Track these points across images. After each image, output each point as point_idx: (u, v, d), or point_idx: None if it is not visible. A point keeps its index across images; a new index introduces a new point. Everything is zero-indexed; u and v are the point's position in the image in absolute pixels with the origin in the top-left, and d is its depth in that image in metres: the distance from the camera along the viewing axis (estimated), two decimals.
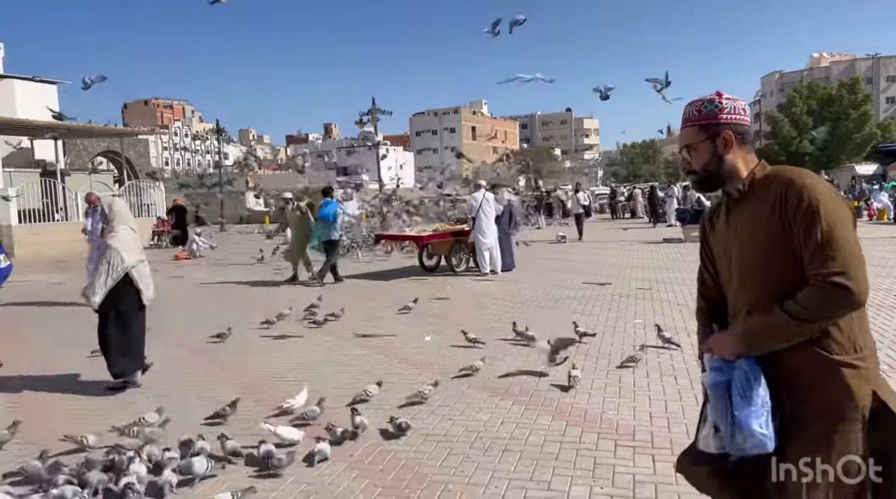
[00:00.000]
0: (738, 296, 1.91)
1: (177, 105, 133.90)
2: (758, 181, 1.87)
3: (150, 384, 5.54)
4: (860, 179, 32.82)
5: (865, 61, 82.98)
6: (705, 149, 1.93)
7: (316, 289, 10.71)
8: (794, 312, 1.69)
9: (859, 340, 1.75)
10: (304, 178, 28.58)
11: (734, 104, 1.93)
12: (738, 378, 1.78)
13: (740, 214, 1.90)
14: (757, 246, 1.82)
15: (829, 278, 1.65)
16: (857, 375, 1.72)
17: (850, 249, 1.68)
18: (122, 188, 23.95)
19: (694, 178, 1.99)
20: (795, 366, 1.76)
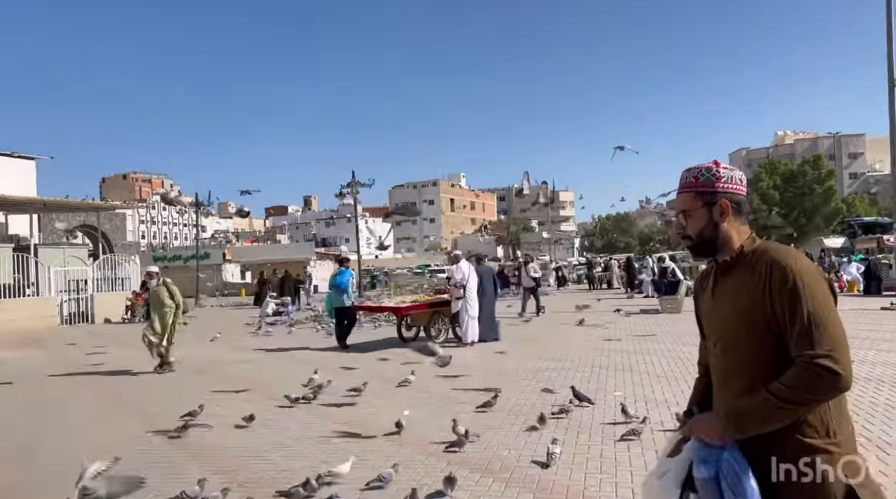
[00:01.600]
0: (720, 364, 1.92)
1: (155, 179, 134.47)
2: (746, 254, 1.90)
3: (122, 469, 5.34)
4: (829, 251, 33.69)
5: (827, 139, 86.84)
6: (701, 216, 1.96)
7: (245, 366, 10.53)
8: (779, 394, 1.68)
9: (833, 424, 1.74)
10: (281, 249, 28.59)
11: (731, 174, 1.98)
12: (726, 471, 1.74)
13: (726, 284, 1.93)
14: (739, 318, 1.83)
15: (816, 360, 1.66)
16: (829, 459, 1.71)
17: (835, 332, 1.69)
18: (96, 262, 23.68)
19: (688, 243, 2.02)
20: (772, 450, 1.75)
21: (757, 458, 1.75)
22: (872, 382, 7.56)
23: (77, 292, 22.16)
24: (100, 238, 28.68)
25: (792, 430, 1.71)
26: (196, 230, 44.38)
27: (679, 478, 1.81)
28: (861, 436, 5.34)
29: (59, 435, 6.48)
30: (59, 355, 12.91)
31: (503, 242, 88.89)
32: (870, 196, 67.57)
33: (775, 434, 1.72)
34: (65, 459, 5.62)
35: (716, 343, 1.93)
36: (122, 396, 8.46)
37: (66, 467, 5.39)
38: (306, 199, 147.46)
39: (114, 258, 24.89)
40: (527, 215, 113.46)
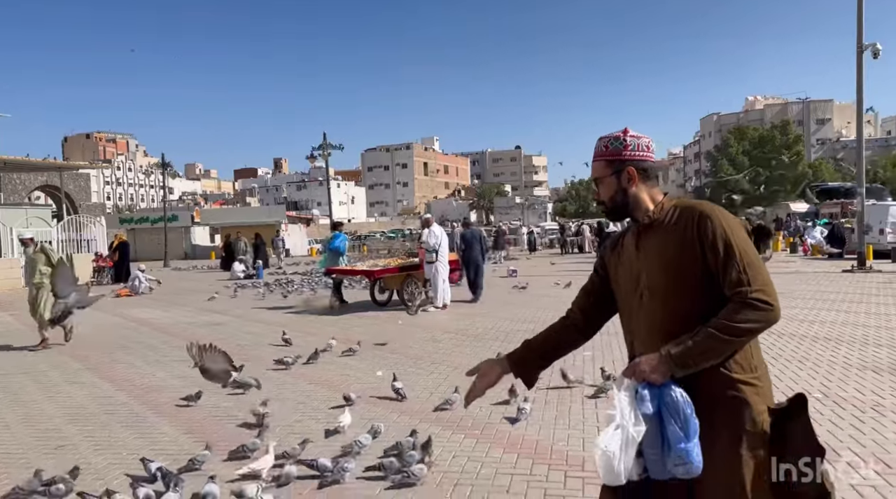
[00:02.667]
0: (646, 317, 2.01)
1: (120, 139, 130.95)
2: (666, 211, 2.02)
3: (93, 429, 5.31)
4: (795, 216, 34.40)
5: (797, 105, 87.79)
6: (611, 182, 2.08)
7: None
8: (722, 327, 1.82)
9: (754, 361, 1.92)
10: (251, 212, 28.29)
11: (638, 141, 2.07)
12: (670, 407, 1.83)
13: (650, 239, 2.03)
14: (666, 268, 1.95)
15: (752, 295, 1.81)
16: (754, 391, 1.88)
17: (764, 273, 1.87)
18: (60, 223, 23.13)
19: (602, 208, 2.16)
20: (700, 388, 1.87)
21: (692, 392, 1.87)
22: (831, 341, 7.82)
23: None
24: (63, 199, 28.04)
25: (719, 367, 1.87)
26: (163, 192, 43.47)
27: (639, 420, 1.85)
28: (819, 391, 5.55)
29: (33, 394, 6.41)
30: (28, 318, 12.68)
31: (476, 207, 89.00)
32: (835, 162, 68.79)
33: (704, 372, 1.86)
34: (30, 419, 5.58)
35: (643, 295, 2.02)
36: (90, 359, 8.36)
37: (34, 429, 5.36)
38: (276, 161, 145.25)
39: (79, 219, 24.34)
40: (500, 180, 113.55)
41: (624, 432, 1.82)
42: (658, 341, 1.93)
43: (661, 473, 1.84)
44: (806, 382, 5.92)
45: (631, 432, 1.81)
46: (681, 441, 1.80)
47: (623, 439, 1.81)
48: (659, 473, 1.84)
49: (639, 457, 1.84)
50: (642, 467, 1.86)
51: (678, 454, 1.80)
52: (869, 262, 17.50)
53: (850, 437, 4.44)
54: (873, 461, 3.97)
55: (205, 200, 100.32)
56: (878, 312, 9.98)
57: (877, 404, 5.16)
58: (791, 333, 8.37)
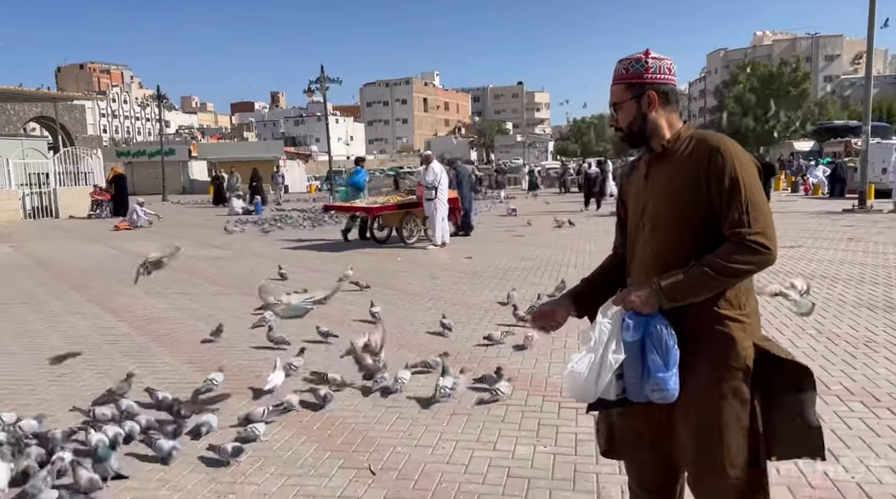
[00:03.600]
0: (646, 247, 1.99)
1: (115, 70, 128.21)
2: (682, 141, 1.95)
3: (95, 358, 5.40)
4: (798, 155, 34.08)
5: (805, 40, 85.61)
6: (630, 107, 1.99)
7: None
8: (715, 265, 1.80)
9: (743, 299, 1.90)
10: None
11: (660, 64, 1.98)
12: (654, 336, 1.86)
13: (660, 169, 1.98)
14: (672, 200, 1.91)
15: (750, 237, 1.78)
16: (741, 328, 1.87)
17: (766, 214, 1.83)
18: (56, 155, 22.90)
19: (620, 134, 2.08)
20: (686, 321, 1.87)
21: (674, 327, 1.88)
22: (827, 279, 7.87)
23: (39, 186, 21.55)
24: (59, 130, 27.67)
25: (709, 302, 1.86)
26: (160, 125, 42.87)
27: (620, 346, 1.90)
28: (813, 329, 5.62)
29: (35, 324, 6.48)
30: (29, 249, 12.72)
31: (477, 145, 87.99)
32: (842, 100, 67.62)
33: (692, 307, 1.86)
34: (34, 348, 5.66)
35: (644, 225, 2.00)
36: (91, 290, 8.42)
37: (38, 357, 5.44)
38: (273, 95, 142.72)
39: (75, 152, 24.07)
40: (501, 117, 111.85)
41: (597, 356, 1.89)
42: (654, 274, 1.92)
43: (638, 395, 1.89)
44: (801, 319, 5.98)
45: (609, 358, 1.86)
46: (660, 370, 1.83)
47: (596, 362, 1.89)
48: (636, 395, 1.90)
49: (619, 379, 1.90)
50: (621, 389, 1.91)
51: (656, 381, 1.84)
52: (870, 201, 17.44)
53: (842, 372, 4.51)
54: (862, 395, 4.06)
55: (202, 134, 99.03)
56: (876, 252, 10.01)
57: (869, 341, 5.23)
58: (788, 272, 8.40)
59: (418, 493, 3.02)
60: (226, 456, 3.31)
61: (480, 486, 3.07)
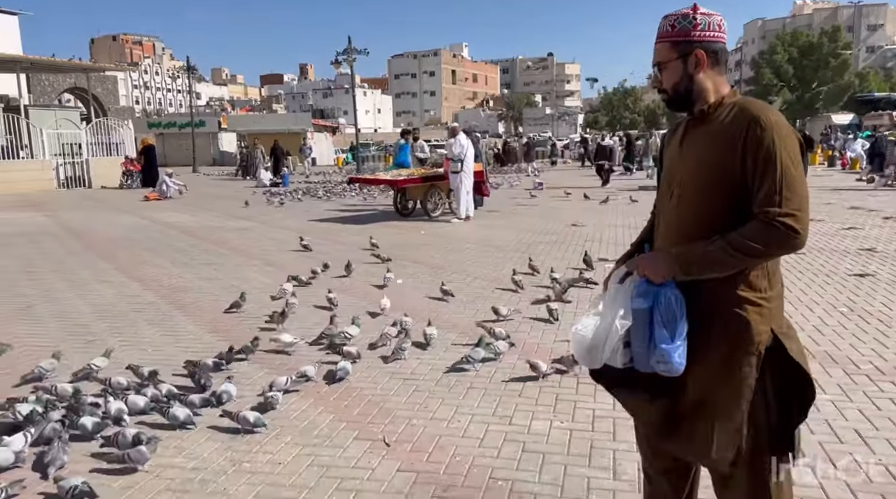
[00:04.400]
0: (671, 215, 1.90)
1: (146, 41, 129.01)
2: (724, 107, 1.82)
3: (121, 326, 5.48)
4: (836, 128, 33.03)
5: (848, 9, 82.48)
6: (676, 67, 1.85)
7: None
8: (737, 244, 1.69)
9: (765, 282, 1.78)
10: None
11: (709, 20, 1.83)
12: (663, 306, 1.78)
13: (696, 135, 1.87)
14: (704, 169, 1.80)
15: (779, 218, 1.66)
16: (758, 312, 1.76)
17: (802, 193, 1.69)
18: (89, 126, 23.21)
19: (664, 97, 1.93)
20: (703, 297, 1.79)
21: (688, 302, 1.80)
22: (862, 256, 7.64)
23: (72, 156, 21.90)
24: (91, 101, 28.01)
25: (727, 282, 1.76)
26: (189, 97, 43.14)
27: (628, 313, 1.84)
28: (844, 306, 5.46)
29: (64, 292, 6.61)
30: (61, 218, 12.98)
31: (505, 118, 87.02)
32: (885, 71, 65.17)
33: (709, 283, 1.77)
34: (63, 315, 5.77)
35: (673, 193, 1.90)
36: (119, 259, 8.55)
37: (66, 323, 5.55)
38: (302, 67, 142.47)
39: (107, 122, 24.37)
40: (530, 90, 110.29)
41: (604, 321, 1.85)
42: (673, 245, 1.83)
43: (644, 366, 1.83)
44: (832, 296, 5.82)
45: (616, 323, 1.81)
46: (664, 342, 1.77)
47: (602, 327, 1.85)
48: (642, 365, 1.84)
49: (626, 347, 1.84)
50: (629, 357, 1.86)
51: (660, 353, 1.77)
52: None
53: (873, 351, 4.38)
54: (893, 375, 3.93)
55: (231, 106, 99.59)
56: None
57: None
58: (820, 248, 8.18)
59: (432, 465, 3.01)
60: (247, 425, 3.33)
61: (494, 460, 3.05)
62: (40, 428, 3.12)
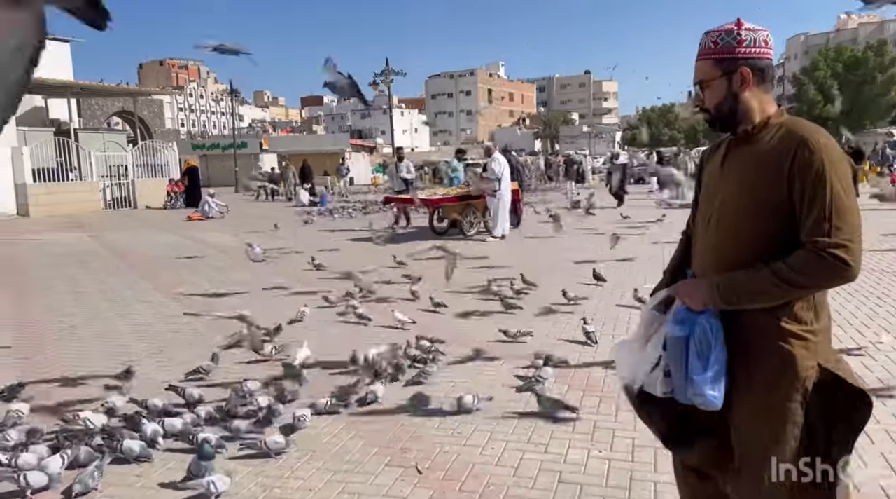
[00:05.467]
0: (709, 238, 1.82)
1: (192, 65, 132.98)
2: (770, 128, 1.73)
3: (162, 345, 5.55)
4: (886, 144, 32.05)
5: (894, 23, 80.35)
6: (720, 86, 1.77)
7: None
8: (782, 274, 1.60)
9: (811, 315, 1.68)
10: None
11: (755, 36, 1.74)
12: (697, 336, 1.71)
13: (739, 157, 1.78)
14: (746, 192, 1.71)
15: (829, 249, 1.56)
16: (804, 346, 1.66)
17: (854, 222, 1.59)
18: (135, 148, 23.92)
19: (706, 117, 1.84)
20: (744, 328, 1.70)
21: (729, 335, 1.72)
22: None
23: (118, 178, 22.57)
24: (138, 124, 28.87)
25: (771, 313, 1.67)
26: (233, 119, 44.26)
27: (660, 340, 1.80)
28: (888, 323, 5.22)
29: (106, 312, 6.74)
30: (106, 238, 13.33)
31: (542, 136, 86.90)
32: None
33: (751, 314, 1.68)
34: (107, 336, 5.88)
35: (712, 216, 1.81)
36: (160, 279, 8.71)
37: (109, 344, 5.64)
38: None
39: (152, 145, 25.09)
40: (567, 108, 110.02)
41: (640, 344, 1.81)
42: (711, 272, 1.75)
43: (683, 397, 1.76)
44: (884, 319, 5.57)
45: (649, 349, 1.77)
46: (698, 373, 1.69)
47: (637, 349, 1.82)
48: (682, 397, 1.77)
49: (667, 377, 1.78)
50: (669, 388, 1.79)
51: (695, 385, 1.70)
52: None
53: None
54: None
55: (273, 127, 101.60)
56: None
57: None
58: (871, 268, 7.87)
59: (465, 495, 2.93)
60: (270, 449, 3.31)
61: (530, 491, 2.96)
62: (76, 451, 3.14)
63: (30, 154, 19.47)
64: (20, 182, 19.31)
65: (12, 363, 5.06)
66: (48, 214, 18.95)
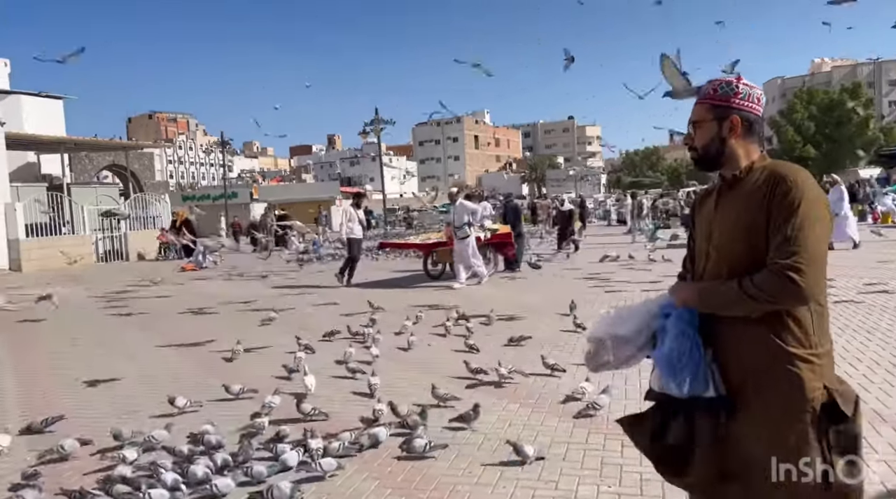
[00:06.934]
0: (708, 271, 1.97)
1: (181, 118, 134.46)
2: (755, 171, 1.91)
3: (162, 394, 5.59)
4: (864, 182, 32.78)
5: (867, 66, 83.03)
6: (710, 129, 1.97)
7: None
8: (746, 288, 1.76)
9: (815, 337, 1.79)
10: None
11: (750, 92, 1.95)
12: (671, 321, 1.92)
13: (730, 199, 1.95)
14: (738, 231, 1.86)
15: (785, 270, 1.71)
16: (809, 368, 1.76)
17: (813, 249, 1.72)
18: (127, 201, 24.07)
19: (693, 155, 2.04)
20: (751, 353, 1.81)
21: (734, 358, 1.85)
22: (889, 310, 7.51)
23: (111, 230, 22.64)
24: (129, 177, 29.07)
25: (771, 335, 1.78)
26: (223, 170, 44.62)
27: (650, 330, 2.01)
28: (888, 362, 5.36)
29: (112, 362, 6.76)
30: (99, 290, 13.34)
31: (528, 180, 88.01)
32: None
33: (752, 336, 1.80)
34: (107, 387, 5.90)
35: (710, 256, 1.97)
36: (158, 328, 8.74)
37: (114, 395, 5.66)
38: (330, 137, 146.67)
39: (144, 197, 25.26)
40: (552, 152, 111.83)
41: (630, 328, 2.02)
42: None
43: (656, 383, 1.98)
44: (874, 352, 5.71)
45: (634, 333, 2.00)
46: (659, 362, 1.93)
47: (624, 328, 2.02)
48: (655, 383, 1.99)
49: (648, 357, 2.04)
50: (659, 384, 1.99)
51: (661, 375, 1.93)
52: None
53: None
54: None
55: (262, 177, 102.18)
56: None
57: None
58: (859, 302, 8.07)
59: None
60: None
61: None
62: None
63: (23, 209, 19.54)
64: (13, 238, 19.32)
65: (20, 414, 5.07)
66: (40, 267, 18.93)
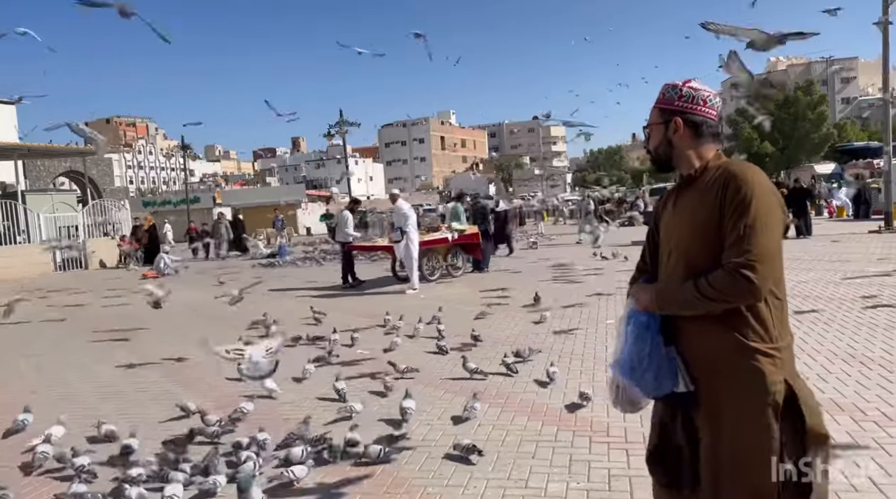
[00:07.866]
0: (668, 269, 2.01)
1: (140, 123, 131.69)
2: (709, 170, 1.95)
3: (126, 406, 5.45)
4: (819, 177, 33.76)
5: (820, 64, 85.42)
6: (658, 131, 2.04)
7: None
8: (700, 286, 1.81)
9: (775, 331, 1.83)
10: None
11: (695, 94, 1.98)
12: (631, 326, 1.98)
13: (687, 198, 1.99)
14: (694, 229, 1.90)
15: (738, 269, 1.75)
16: (770, 362, 1.81)
17: (765, 247, 1.76)
18: (85, 208, 23.49)
19: (649, 156, 2.12)
20: (713, 349, 1.85)
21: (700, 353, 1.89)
22: (858, 302, 7.73)
23: (69, 238, 22.03)
24: (87, 184, 28.41)
25: (732, 331, 1.82)
26: (184, 174, 43.87)
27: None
28: (845, 352, 5.52)
29: (70, 373, 6.59)
30: (58, 300, 12.99)
31: (495, 180, 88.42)
32: (861, 121, 67.07)
33: (714, 333, 1.84)
34: (69, 398, 5.75)
35: (671, 254, 2.00)
36: (116, 335, 8.55)
37: (75, 406, 5.52)
38: (294, 140, 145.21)
39: (103, 204, 24.68)
40: (518, 152, 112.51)
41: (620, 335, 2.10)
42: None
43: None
44: (832, 343, 5.88)
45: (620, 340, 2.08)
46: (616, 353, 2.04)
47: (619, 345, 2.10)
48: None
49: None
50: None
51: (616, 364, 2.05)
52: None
53: (878, 397, 4.41)
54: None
55: (225, 181, 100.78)
56: None
57: None
58: (817, 296, 8.29)
59: None
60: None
61: None
62: None
63: None
64: None
65: None
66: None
